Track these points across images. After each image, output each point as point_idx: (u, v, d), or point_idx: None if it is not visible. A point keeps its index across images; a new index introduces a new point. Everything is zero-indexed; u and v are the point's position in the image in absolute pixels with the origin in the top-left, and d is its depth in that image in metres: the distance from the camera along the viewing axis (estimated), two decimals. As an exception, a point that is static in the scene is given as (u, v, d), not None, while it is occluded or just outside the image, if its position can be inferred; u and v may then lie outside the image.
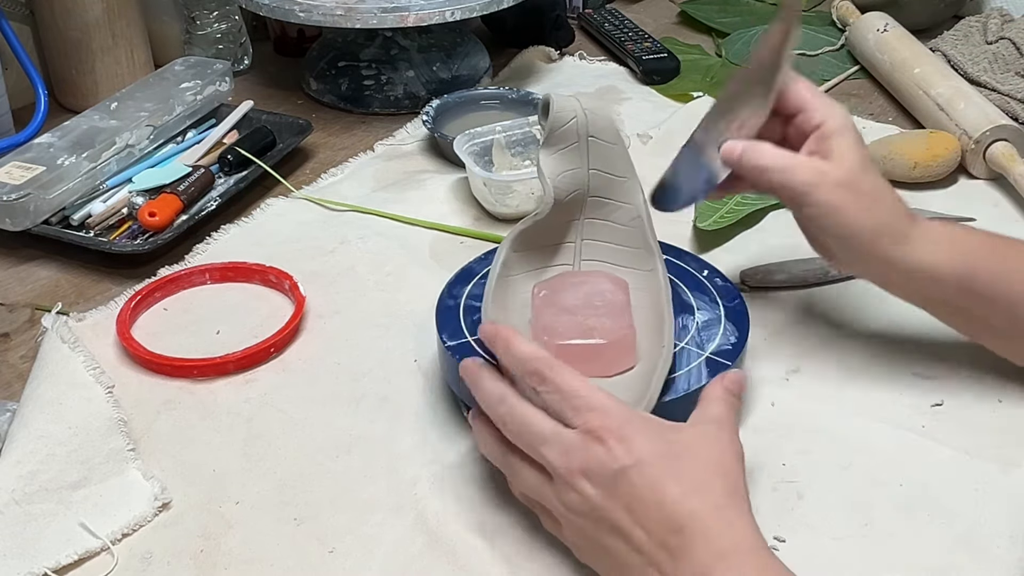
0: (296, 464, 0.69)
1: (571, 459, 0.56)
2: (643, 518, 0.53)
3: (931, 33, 1.26)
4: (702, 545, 0.52)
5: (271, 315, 0.83)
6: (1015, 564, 0.61)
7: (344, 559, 0.62)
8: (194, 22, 1.23)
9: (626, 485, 0.54)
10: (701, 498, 0.53)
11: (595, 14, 1.38)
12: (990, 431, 0.71)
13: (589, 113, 0.71)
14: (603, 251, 0.73)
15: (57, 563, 0.61)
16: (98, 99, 1.06)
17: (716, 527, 0.52)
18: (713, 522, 0.53)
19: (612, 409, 0.56)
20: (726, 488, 0.55)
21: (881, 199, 0.68)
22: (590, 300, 0.67)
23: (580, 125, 0.70)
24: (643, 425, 0.56)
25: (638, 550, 0.53)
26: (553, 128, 0.70)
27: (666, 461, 0.54)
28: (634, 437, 0.55)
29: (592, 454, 0.55)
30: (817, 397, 0.74)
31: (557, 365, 0.58)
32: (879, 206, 0.68)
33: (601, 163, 0.71)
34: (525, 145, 1.01)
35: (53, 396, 0.71)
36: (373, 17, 1.06)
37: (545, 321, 0.66)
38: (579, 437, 0.56)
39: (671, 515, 0.53)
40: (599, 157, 0.71)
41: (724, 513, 0.53)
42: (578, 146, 0.71)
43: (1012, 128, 1.00)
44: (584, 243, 0.73)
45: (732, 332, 0.70)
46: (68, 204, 0.93)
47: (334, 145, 1.10)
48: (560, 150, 0.71)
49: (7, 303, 0.86)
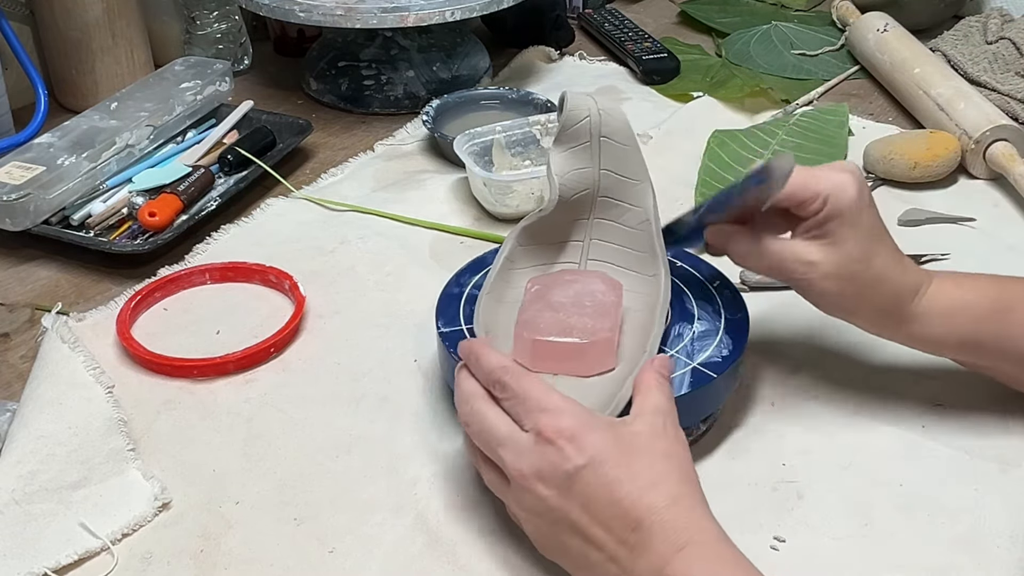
0: (296, 464, 0.69)
1: (524, 461, 0.56)
2: (600, 516, 0.54)
3: (931, 33, 1.26)
4: (660, 539, 0.53)
5: (271, 315, 0.83)
6: (1015, 564, 0.61)
7: (344, 559, 0.62)
8: (194, 22, 1.23)
9: (581, 484, 0.54)
10: (657, 492, 0.54)
11: (595, 14, 1.38)
12: (990, 431, 0.71)
13: (603, 113, 0.70)
14: (609, 252, 0.73)
15: (57, 563, 0.61)
16: (98, 99, 1.06)
17: (673, 520, 0.53)
18: (670, 515, 0.53)
19: (564, 410, 0.56)
20: (680, 478, 0.55)
21: (882, 283, 0.66)
22: (579, 299, 0.67)
23: (593, 124, 0.70)
24: (593, 423, 0.56)
25: (598, 547, 0.54)
26: (565, 126, 0.70)
27: (619, 457, 0.55)
28: (585, 436, 0.55)
29: (545, 456, 0.55)
30: (817, 397, 0.74)
31: (520, 373, 0.59)
32: (880, 292, 0.66)
33: (612, 164, 0.71)
34: (525, 145, 1.01)
35: (53, 396, 0.71)
36: (373, 17, 1.06)
37: (527, 315, 0.66)
38: (531, 439, 0.56)
39: (628, 511, 0.53)
40: (611, 158, 0.71)
41: (681, 504, 0.54)
42: (589, 145, 0.70)
43: (1012, 128, 1.00)
44: (592, 243, 0.73)
45: (727, 345, 0.69)
46: (68, 204, 0.93)
47: (334, 145, 1.10)
48: (571, 148, 0.70)
49: (7, 303, 0.86)
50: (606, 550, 0.54)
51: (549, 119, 1.01)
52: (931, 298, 0.67)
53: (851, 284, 0.65)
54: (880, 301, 0.67)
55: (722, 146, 1.04)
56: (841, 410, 0.73)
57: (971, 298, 0.68)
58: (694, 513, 0.54)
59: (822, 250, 0.65)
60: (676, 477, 0.55)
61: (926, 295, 0.67)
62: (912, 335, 0.68)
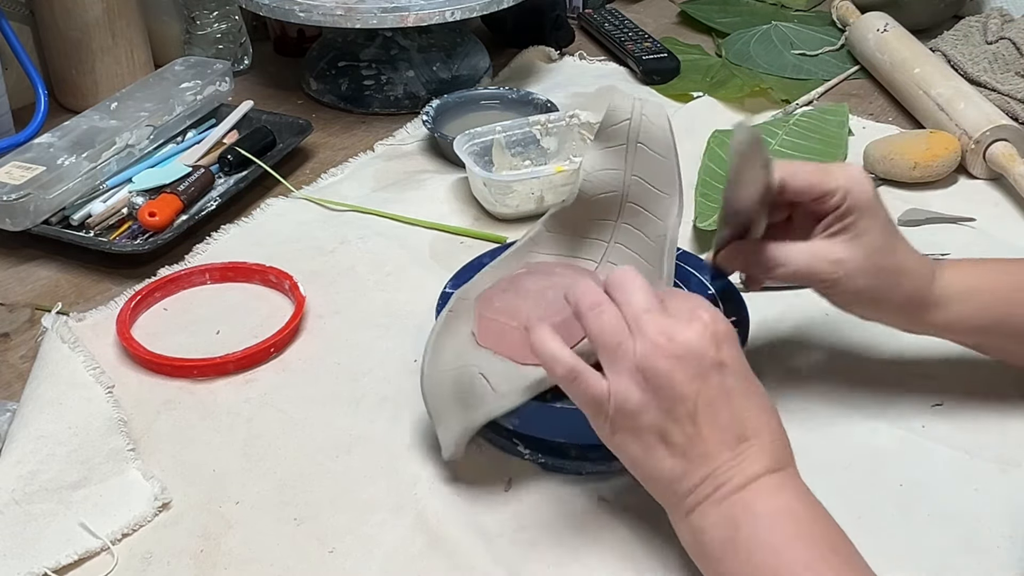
0: (296, 464, 0.69)
1: (674, 332, 0.56)
2: (718, 419, 0.56)
3: (931, 33, 1.26)
4: (761, 457, 0.56)
5: (271, 315, 0.83)
6: (1015, 564, 0.61)
7: (344, 559, 0.62)
8: (194, 22, 1.23)
9: (714, 381, 0.56)
10: (770, 419, 0.58)
11: (595, 14, 1.38)
12: (990, 431, 0.71)
13: (644, 119, 0.69)
14: (627, 258, 0.72)
15: (57, 563, 0.61)
16: (98, 99, 1.06)
17: (775, 447, 0.57)
18: (775, 443, 0.57)
19: (720, 317, 0.58)
20: (779, 419, 0.59)
21: (904, 273, 0.67)
22: (545, 291, 0.67)
23: (632, 129, 0.69)
24: (736, 341, 0.59)
25: (702, 442, 0.56)
26: (604, 125, 0.70)
27: (747, 378, 0.58)
28: (730, 345, 0.57)
29: (696, 337, 0.56)
30: (817, 397, 0.74)
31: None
32: (902, 283, 0.67)
33: (644, 172, 0.70)
34: (525, 145, 1.01)
35: (53, 396, 0.71)
36: (373, 17, 1.06)
37: (491, 292, 0.68)
38: (686, 318, 0.57)
39: (744, 424, 0.56)
40: (643, 165, 0.70)
41: (783, 439, 0.58)
42: (625, 149, 0.70)
43: (1012, 128, 1.00)
44: (614, 246, 0.73)
45: None
46: (68, 204, 0.93)
47: (334, 145, 1.10)
48: (606, 148, 0.70)
49: (7, 303, 0.86)
50: (708, 446, 0.56)
51: (549, 119, 1.01)
52: (948, 283, 0.68)
53: (876, 277, 0.66)
54: (903, 292, 0.67)
55: (722, 146, 1.04)
56: (841, 410, 0.73)
57: (987, 280, 0.69)
58: (790, 450, 0.58)
59: (847, 246, 0.65)
60: (777, 413, 0.59)
61: (942, 280, 0.68)
62: (935, 322, 0.69)
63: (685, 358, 0.56)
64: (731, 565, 0.55)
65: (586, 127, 1.01)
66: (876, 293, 0.67)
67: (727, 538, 0.55)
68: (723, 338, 0.57)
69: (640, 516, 0.64)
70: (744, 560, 0.54)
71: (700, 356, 0.56)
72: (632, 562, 0.62)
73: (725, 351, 0.57)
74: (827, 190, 0.65)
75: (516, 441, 0.68)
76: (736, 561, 0.54)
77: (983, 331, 0.70)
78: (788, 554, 0.53)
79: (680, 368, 0.56)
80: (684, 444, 0.56)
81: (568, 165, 0.94)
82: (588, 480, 0.67)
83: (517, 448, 0.68)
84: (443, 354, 0.69)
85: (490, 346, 0.68)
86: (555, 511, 0.65)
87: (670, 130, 0.69)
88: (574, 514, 0.65)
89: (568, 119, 1.02)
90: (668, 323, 0.57)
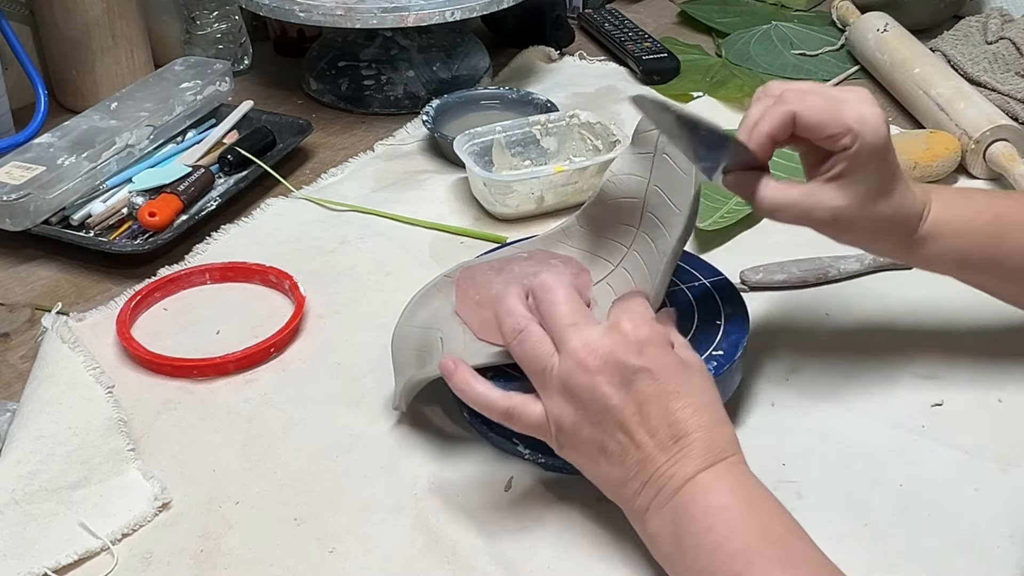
0: (296, 464, 0.69)
1: (595, 345, 0.58)
2: (650, 422, 0.57)
3: (931, 33, 1.26)
4: (699, 452, 0.57)
5: (271, 315, 0.83)
6: (1015, 564, 0.61)
7: (344, 559, 0.62)
8: (194, 22, 1.23)
9: (640, 385, 0.57)
10: (707, 412, 0.58)
11: (595, 14, 1.38)
12: (990, 431, 0.71)
13: None
14: (638, 267, 0.72)
15: (57, 563, 0.61)
16: (98, 99, 1.06)
17: (714, 440, 0.57)
18: (713, 435, 0.57)
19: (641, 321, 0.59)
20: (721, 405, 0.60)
21: (899, 214, 0.67)
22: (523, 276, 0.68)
23: (660, 139, 0.69)
24: (658, 340, 0.59)
25: (637, 447, 0.57)
26: (638, 130, 0.70)
27: (677, 374, 0.58)
28: (650, 346, 0.58)
29: (616, 346, 0.57)
30: (817, 397, 0.74)
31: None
32: (897, 222, 0.67)
33: (664, 183, 0.70)
34: (525, 145, 1.01)
35: (53, 396, 0.71)
36: (373, 17, 1.06)
37: (476, 267, 0.73)
38: (604, 329, 0.58)
39: (677, 424, 0.57)
40: (664, 177, 0.69)
41: (723, 428, 0.59)
42: (652, 157, 0.70)
43: (1012, 128, 1.00)
44: (632, 252, 0.73)
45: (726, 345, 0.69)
46: (68, 204, 0.93)
47: (334, 145, 1.10)
48: (635, 153, 0.70)
49: (7, 303, 0.86)
50: (644, 452, 0.57)
51: (549, 119, 1.01)
52: (935, 217, 0.69)
53: (870, 221, 0.66)
54: (898, 230, 0.68)
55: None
56: (841, 410, 0.73)
57: (971, 214, 0.70)
58: (731, 438, 0.59)
59: (846, 192, 0.64)
60: (719, 403, 0.60)
61: (930, 214, 0.69)
62: (918, 256, 0.70)
63: (605, 370, 0.57)
64: (682, 567, 0.56)
65: (586, 127, 1.01)
66: (869, 233, 0.67)
67: (674, 543, 0.56)
68: (645, 343, 0.58)
69: (640, 516, 0.64)
70: (691, 562, 0.55)
71: (621, 365, 0.57)
72: (632, 562, 0.62)
73: (648, 355, 0.57)
74: (836, 131, 0.63)
75: (516, 441, 0.68)
76: (684, 563, 0.56)
77: (970, 267, 0.71)
78: (725, 550, 0.54)
79: (603, 380, 0.57)
80: (620, 453, 0.58)
81: (568, 165, 0.94)
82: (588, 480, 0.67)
83: (517, 448, 0.68)
84: (421, 312, 0.74)
85: (460, 315, 0.72)
86: (555, 511, 0.65)
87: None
88: (574, 514, 0.65)
89: (568, 119, 1.02)
90: (588, 336, 0.58)
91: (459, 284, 0.72)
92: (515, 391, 0.62)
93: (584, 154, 1.00)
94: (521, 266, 0.71)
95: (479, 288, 0.71)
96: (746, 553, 0.53)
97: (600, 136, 0.99)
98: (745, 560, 0.53)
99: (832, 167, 0.64)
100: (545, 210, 0.95)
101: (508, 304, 0.62)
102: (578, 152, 1.01)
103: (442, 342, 0.71)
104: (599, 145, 0.99)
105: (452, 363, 0.63)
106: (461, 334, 0.71)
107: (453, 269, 0.76)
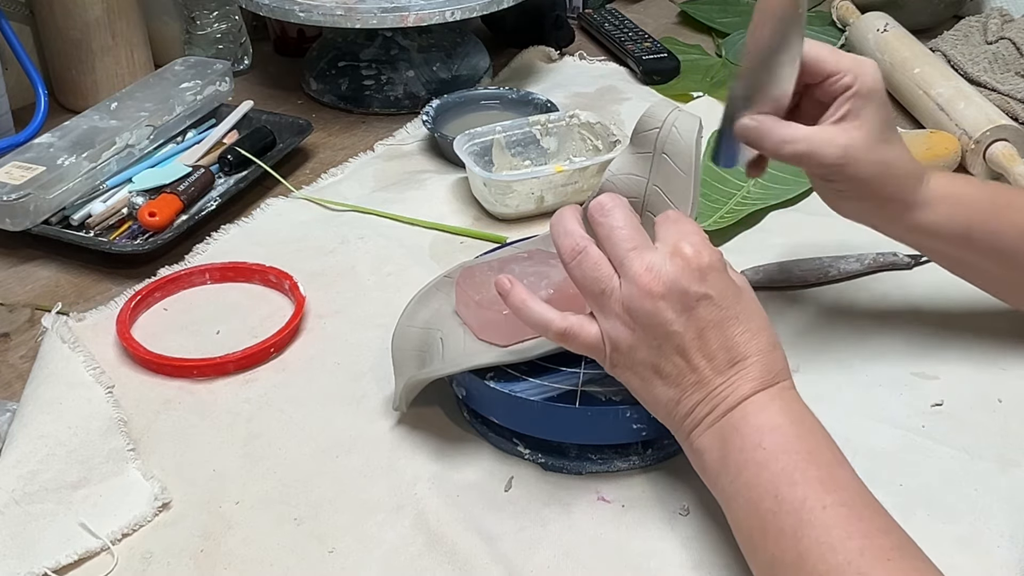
0: (296, 464, 0.69)
1: (658, 269, 0.58)
2: (708, 347, 0.58)
3: (931, 33, 1.26)
4: (754, 375, 0.58)
5: (271, 315, 0.83)
6: (1015, 564, 0.61)
7: (344, 559, 0.62)
8: (194, 22, 1.24)
9: (701, 311, 0.58)
10: (762, 337, 0.59)
11: (595, 14, 1.38)
12: (990, 431, 0.71)
13: (673, 130, 0.69)
14: None
15: (57, 563, 0.61)
16: (98, 99, 1.06)
17: (769, 363, 0.59)
18: (768, 359, 0.59)
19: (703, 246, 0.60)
20: (772, 332, 0.60)
21: (898, 167, 0.68)
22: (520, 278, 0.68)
23: (660, 139, 0.69)
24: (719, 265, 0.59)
25: (693, 371, 0.58)
26: (637, 129, 0.70)
27: (734, 299, 0.59)
28: (712, 273, 0.58)
29: (679, 271, 0.58)
30: (817, 397, 0.73)
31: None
32: (895, 176, 0.68)
33: (662, 183, 0.70)
34: (525, 145, 1.01)
35: (53, 396, 0.71)
36: (373, 17, 1.06)
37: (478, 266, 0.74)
38: (666, 253, 0.59)
39: (734, 349, 0.58)
40: (663, 177, 0.70)
41: (777, 352, 0.60)
42: (651, 157, 0.70)
43: (1012, 128, 1.00)
44: None
45: None
46: (68, 204, 0.93)
47: (334, 145, 1.10)
48: (635, 153, 0.70)
49: (7, 303, 0.86)
50: (701, 375, 0.58)
51: (549, 119, 1.01)
52: (935, 186, 0.70)
53: (875, 167, 0.67)
54: (895, 186, 0.68)
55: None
56: (841, 410, 0.72)
57: (971, 190, 0.71)
58: (784, 364, 0.60)
59: (854, 133, 0.66)
60: (772, 328, 0.60)
61: (930, 183, 0.70)
62: (919, 223, 0.70)
63: (668, 296, 0.58)
64: (725, 482, 0.57)
65: (586, 127, 1.01)
66: (870, 185, 0.68)
67: (720, 457, 0.58)
68: (708, 269, 0.58)
69: (640, 516, 0.64)
70: (735, 476, 0.56)
71: (683, 292, 0.58)
72: (632, 562, 0.62)
73: (710, 282, 0.58)
74: (839, 69, 0.66)
75: (516, 441, 0.68)
76: (728, 478, 0.57)
77: (964, 240, 0.71)
78: (771, 468, 0.55)
79: (665, 306, 0.58)
80: (675, 375, 0.59)
81: (568, 165, 0.94)
82: (588, 480, 0.67)
83: (517, 448, 0.68)
84: (421, 312, 0.75)
85: (460, 315, 0.72)
86: (555, 511, 0.65)
87: (696, 147, 0.69)
88: (574, 514, 0.65)
89: (568, 119, 1.02)
90: (651, 261, 0.58)
91: (459, 284, 0.72)
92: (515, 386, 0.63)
93: (584, 154, 1.00)
94: (521, 266, 0.71)
95: (479, 288, 0.71)
96: (792, 472, 0.55)
97: (600, 136, 0.99)
98: (790, 479, 0.54)
99: (836, 110, 0.67)
100: (545, 210, 0.95)
101: (565, 224, 0.62)
102: (578, 152, 1.01)
103: (442, 342, 0.71)
104: (599, 145, 0.99)
105: (508, 281, 0.64)
106: (461, 334, 0.71)
107: (453, 269, 0.77)
